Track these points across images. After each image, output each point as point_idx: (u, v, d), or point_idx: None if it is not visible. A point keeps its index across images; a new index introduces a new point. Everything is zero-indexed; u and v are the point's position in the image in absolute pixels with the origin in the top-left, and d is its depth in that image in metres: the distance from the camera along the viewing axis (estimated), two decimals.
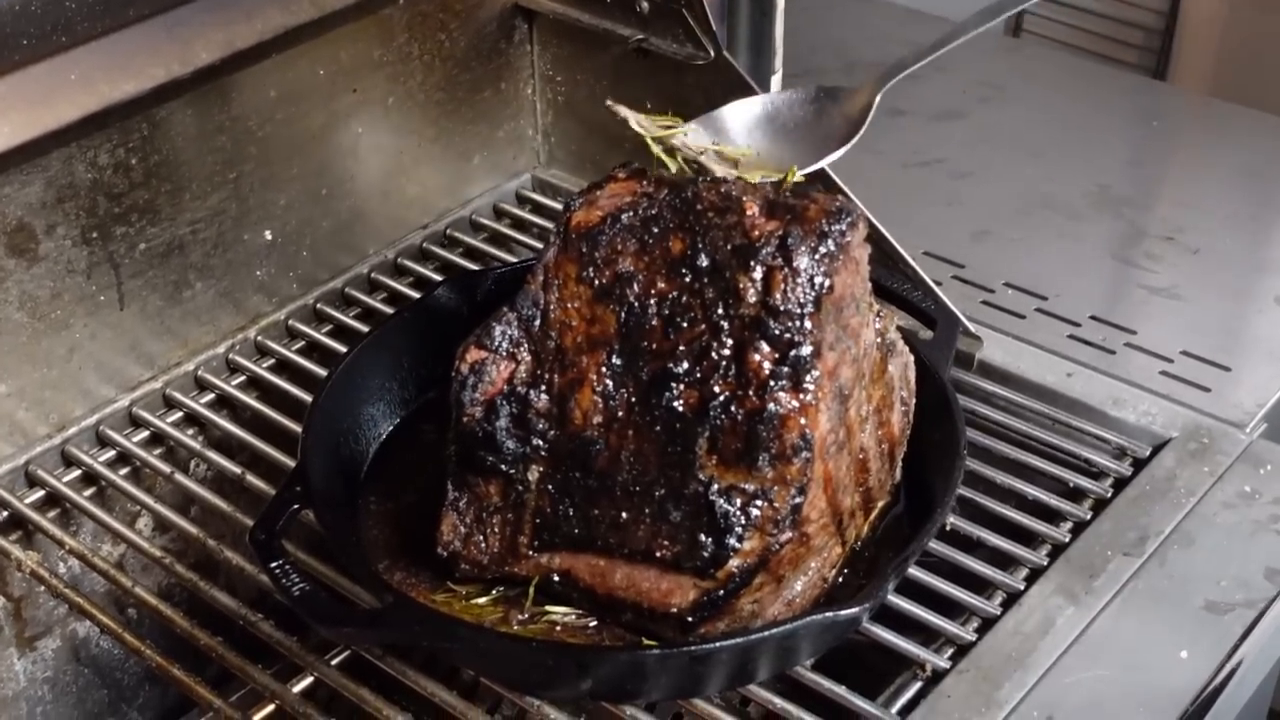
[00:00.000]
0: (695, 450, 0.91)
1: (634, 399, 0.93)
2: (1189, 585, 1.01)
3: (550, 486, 0.95)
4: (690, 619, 0.90)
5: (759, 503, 0.89)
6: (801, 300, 0.90)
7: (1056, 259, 1.36)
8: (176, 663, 0.99)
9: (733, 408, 0.90)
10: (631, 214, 0.95)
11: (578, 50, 1.40)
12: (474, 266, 1.35)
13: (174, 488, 1.15)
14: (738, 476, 0.89)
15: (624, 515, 0.93)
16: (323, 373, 1.22)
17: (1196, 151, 1.58)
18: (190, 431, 1.20)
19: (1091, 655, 0.96)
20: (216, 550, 1.07)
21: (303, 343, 1.28)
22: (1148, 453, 1.13)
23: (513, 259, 1.37)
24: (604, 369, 0.94)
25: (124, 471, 1.17)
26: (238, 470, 1.13)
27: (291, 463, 1.11)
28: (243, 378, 1.25)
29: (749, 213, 0.93)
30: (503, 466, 0.96)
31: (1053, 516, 1.08)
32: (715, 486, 0.90)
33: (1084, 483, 1.10)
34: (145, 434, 1.19)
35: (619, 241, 0.95)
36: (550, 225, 1.42)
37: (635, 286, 0.94)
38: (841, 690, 0.94)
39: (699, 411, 0.91)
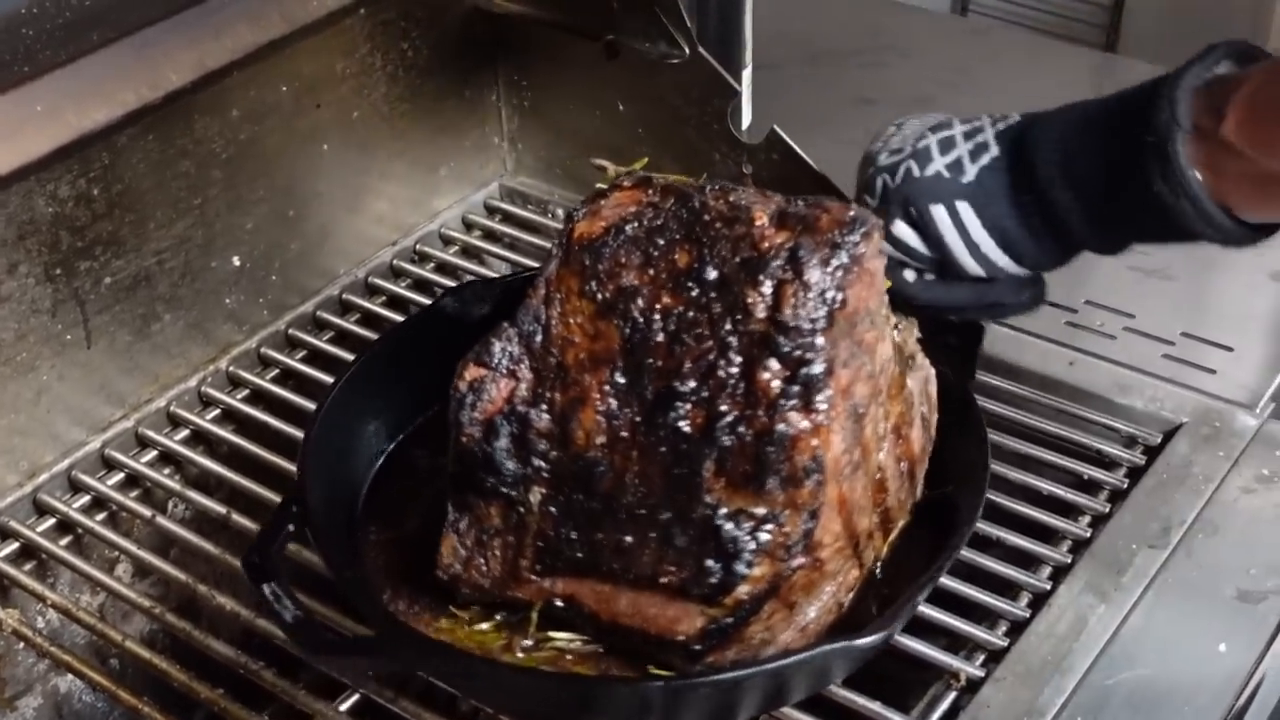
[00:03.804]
0: (702, 472, 0.86)
1: (638, 418, 0.89)
2: (1219, 575, 0.99)
3: (552, 509, 0.91)
4: (698, 647, 0.86)
5: (769, 527, 0.85)
6: (813, 315, 0.86)
7: None
8: (174, 716, 0.95)
9: (741, 428, 0.86)
10: (636, 225, 0.91)
11: (544, 52, 1.35)
12: (447, 282, 1.31)
13: (153, 530, 1.10)
14: (746, 500, 0.85)
15: (628, 539, 0.89)
16: (298, 400, 1.18)
17: None
18: (166, 470, 1.15)
19: (1129, 654, 0.94)
20: (208, 596, 1.02)
21: (276, 371, 1.23)
22: (1159, 439, 1.11)
23: (489, 272, 1.33)
24: (607, 387, 0.91)
25: (100, 517, 1.12)
26: (221, 510, 1.09)
27: (275, 497, 1.07)
28: (217, 411, 1.20)
29: (758, 223, 0.89)
30: (503, 488, 0.92)
31: (1069, 511, 1.05)
32: (723, 510, 0.85)
33: (1097, 474, 1.08)
34: (120, 476, 1.14)
35: (623, 254, 0.91)
36: (520, 234, 1.38)
37: (640, 301, 0.91)
38: (876, 706, 0.91)
39: (705, 432, 0.87)
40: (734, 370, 0.87)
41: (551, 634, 0.92)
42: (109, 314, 1.12)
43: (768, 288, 0.87)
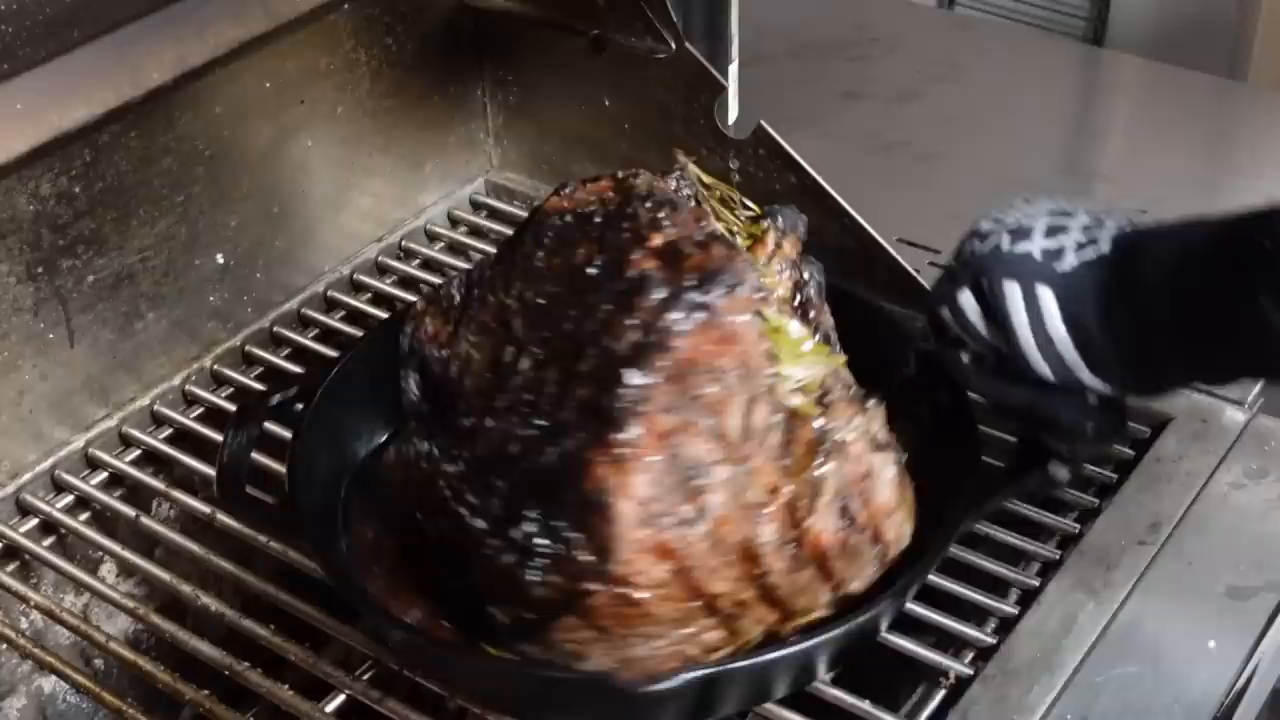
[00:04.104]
0: (520, 466, 0.84)
1: (495, 401, 0.88)
2: (1208, 572, 0.98)
3: (436, 451, 0.92)
4: (509, 635, 0.86)
5: (558, 543, 0.81)
6: (633, 351, 0.82)
7: None
8: (162, 718, 0.94)
9: (549, 440, 0.83)
10: (577, 213, 0.91)
11: (529, 48, 1.35)
12: (433, 278, 1.30)
13: (137, 530, 1.09)
14: (548, 510, 0.82)
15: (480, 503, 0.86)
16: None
17: (1150, 118, 1.56)
18: (150, 470, 1.14)
19: (1118, 651, 0.93)
20: (192, 596, 1.01)
21: (261, 368, 1.23)
22: (1148, 434, 1.10)
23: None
24: (490, 361, 0.91)
25: (84, 517, 1.11)
26: (206, 509, 1.08)
27: (261, 495, 1.05)
28: (201, 409, 1.19)
29: (643, 245, 0.87)
30: (411, 421, 0.96)
31: (1057, 506, 1.05)
32: (530, 511, 0.82)
33: (1086, 468, 1.07)
34: (103, 475, 1.13)
35: (556, 234, 0.91)
36: (506, 230, 1.37)
37: (535, 282, 0.90)
38: (866, 705, 0.90)
39: (528, 431, 0.85)
40: (558, 379, 0.85)
41: None
42: (92, 312, 1.11)
43: (603, 311, 0.85)
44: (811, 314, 0.96)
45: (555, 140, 1.38)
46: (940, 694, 0.92)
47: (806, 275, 0.98)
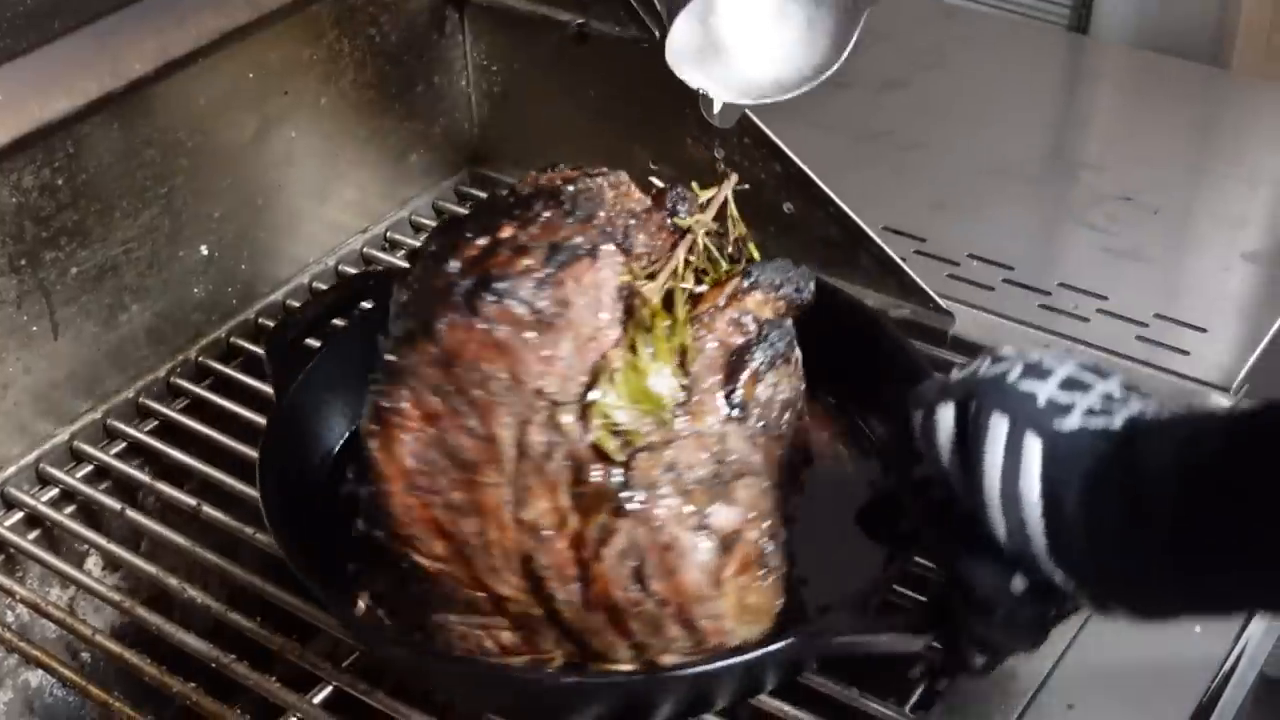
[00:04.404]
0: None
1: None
2: None
3: None
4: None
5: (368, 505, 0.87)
6: (411, 328, 0.84)
7: (1018, 226, 1.33)
8: (146, 711, 0.94)
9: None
10: (522, 194, 0.91)
11: (513, 38, 1.34)
12: None
13: (123, 523, 1.09)
14: (358, 469, 0.88)
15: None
16: (270, 391, 1.16)
17: (1135, 106, 1.56)
18: (136, 462, 1.14)
19: (1105, 637, 0.93)
20: (179, 589, 1.01)
21: (246, 360, 1.22)
22: None
23: None
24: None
25: (69, 510, 1.11)
26: (192, 502, 1.08)
27: (246, 488, 1.06)
28: (186, 401, 1.18)
29: (492, 234, 0.86)
30: None
31: None
32: (351, 470, 0.92)
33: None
34: (89, 468, 1.13)
35: (501, 207, 0.90)
36: None
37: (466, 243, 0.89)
38: (853, 693, 0.90)
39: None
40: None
41: None
42: (75, 305, 1.11)
43: (420, 289, 0.86)
44: (741, 376, 0.86)
45: (540, 131, 1.37)
46: (927, 680, 0.92)
47: (770, 340, 0.88)
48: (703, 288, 0.89)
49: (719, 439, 0.84)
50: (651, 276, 0.87)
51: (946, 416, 0.75)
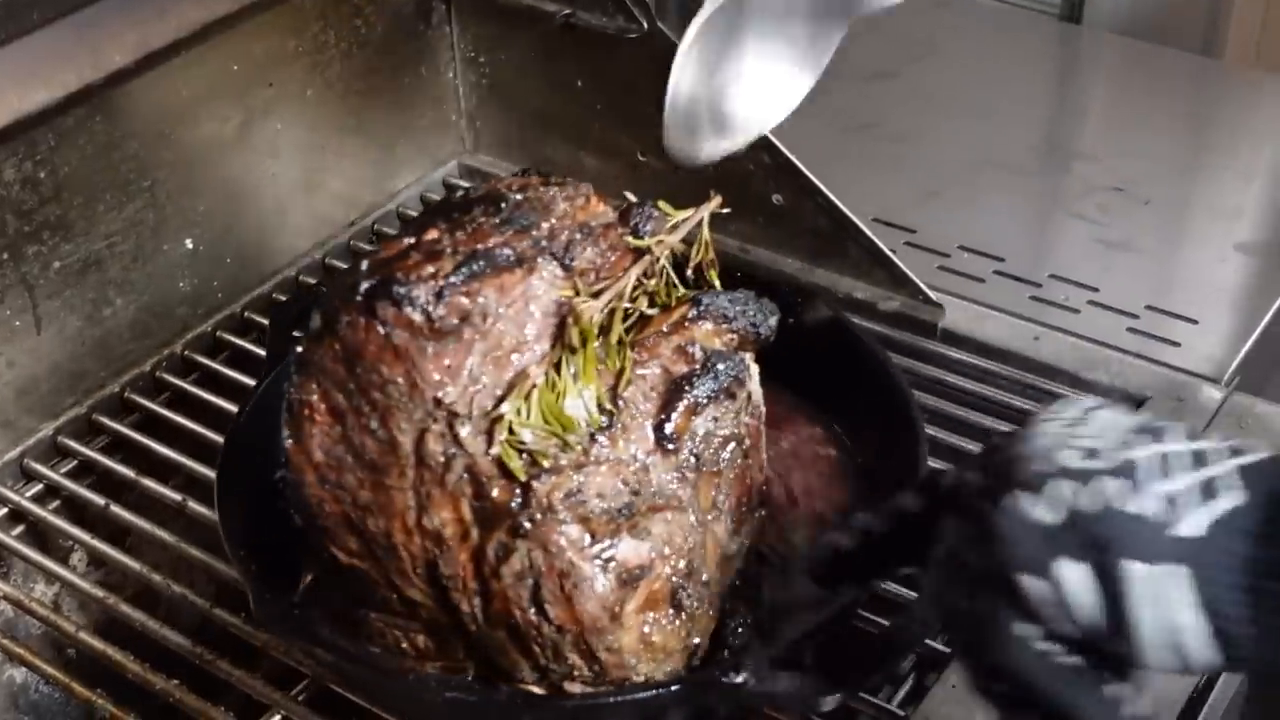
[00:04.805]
0: None
1: None
2: None
3: None
4: None
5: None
6: (319, 323, 0.84)
7: (1008, 218, 1.32)
8: (130, 709, 0.93)
9: None
10: (477, 195, 0.90)
11: (500, 29, 1.33)
12: None
13: (108, 519, 1.08)
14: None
15: None
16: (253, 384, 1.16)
17: (1128, 96, 1.55)
18: (120, 457, 1.13)
19: None
20: (163, 585, 1.00)
21: (232, 354, 1.21)
22: None
23: None
24: None
25: (53, 505, 1.10)
26: (177, 497, 1.07)
27: None
28: (172, 395, 1.18)
29: (420, 236, 0.85)
30: None
31: None
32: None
33: None
34: (73, 464, 1.12)
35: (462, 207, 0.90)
36: None
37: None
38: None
39: None
40: None
41: None
42: (59, 299, 1.10)
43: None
44: (677, 406, 0.83)
45: (528, 122, 1.37)
46: (915, 673, 0.92)
47: (716, 372, 0.84)
48: (652, 311, 0.87)
49: (640, 469, 0.81)
50: (597, 294, 0.84)
51: (1075, 575, 0.64)
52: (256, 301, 1.25)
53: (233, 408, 1.13)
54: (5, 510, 1.09)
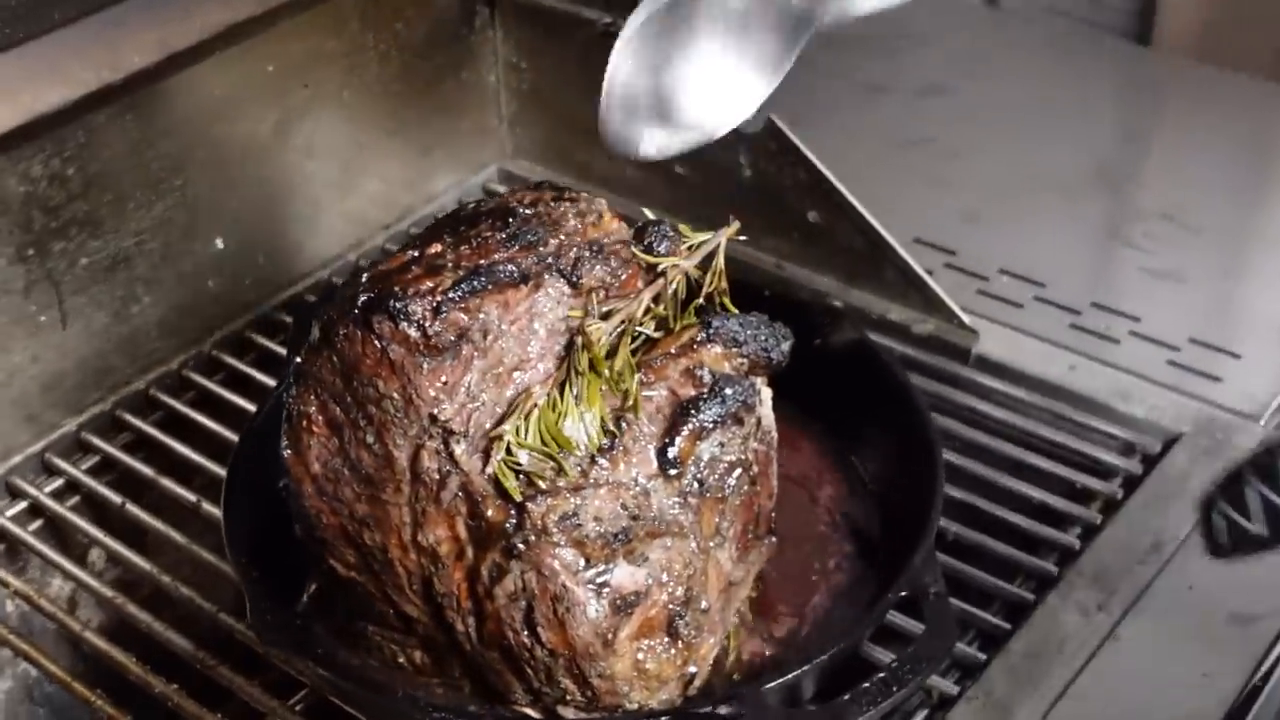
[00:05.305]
0: None
1: None
2: (1210, 595, 0.95)
3: None
4: None
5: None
6: (318, 334, 0.83)
7: (1053, 242, 1.29)
8: (128, 710, 0.93)
9: None
10: (486, 206, 0.89)
11: (543, 35, 1.32)
12: None
13: (124, 518, 1.08)
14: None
15: None
16: None
17: (1189, 122, 1.51)
18: (142, 455, 1.13)
19: (1109, 676, 0.90)
20: (172, 587, 1.00)
21: (261, 354, 1.21)
22: (1158, 449, 1.07)
23: None
24: None
25: (72, 502, 1.10)
26: (192, 498, 1.07)
27: None
28: (197, 395, 1.18)
29: (424, 249, 0.85)
30: None
31: (1060, 520, 1.02)
32: None
33: (1092, 483, 1.04)
34: (95, 460, 1.12)
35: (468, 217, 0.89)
36: None
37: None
38: None
39: None
40: None
41: None
42: (85, 295, 1.10)
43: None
44: (682, 430, 0.82)
45: (568, 129, 1.35)
46: (923, 714, 0.90)
47: (724, 396, 0.83)
48: (660, 334, 0.85)
49: (641, 493, 0.80)
50: (607, 315, 0.83)
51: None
52: (288, 302, 1.25)
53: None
54: (25, 505, 1.09)
